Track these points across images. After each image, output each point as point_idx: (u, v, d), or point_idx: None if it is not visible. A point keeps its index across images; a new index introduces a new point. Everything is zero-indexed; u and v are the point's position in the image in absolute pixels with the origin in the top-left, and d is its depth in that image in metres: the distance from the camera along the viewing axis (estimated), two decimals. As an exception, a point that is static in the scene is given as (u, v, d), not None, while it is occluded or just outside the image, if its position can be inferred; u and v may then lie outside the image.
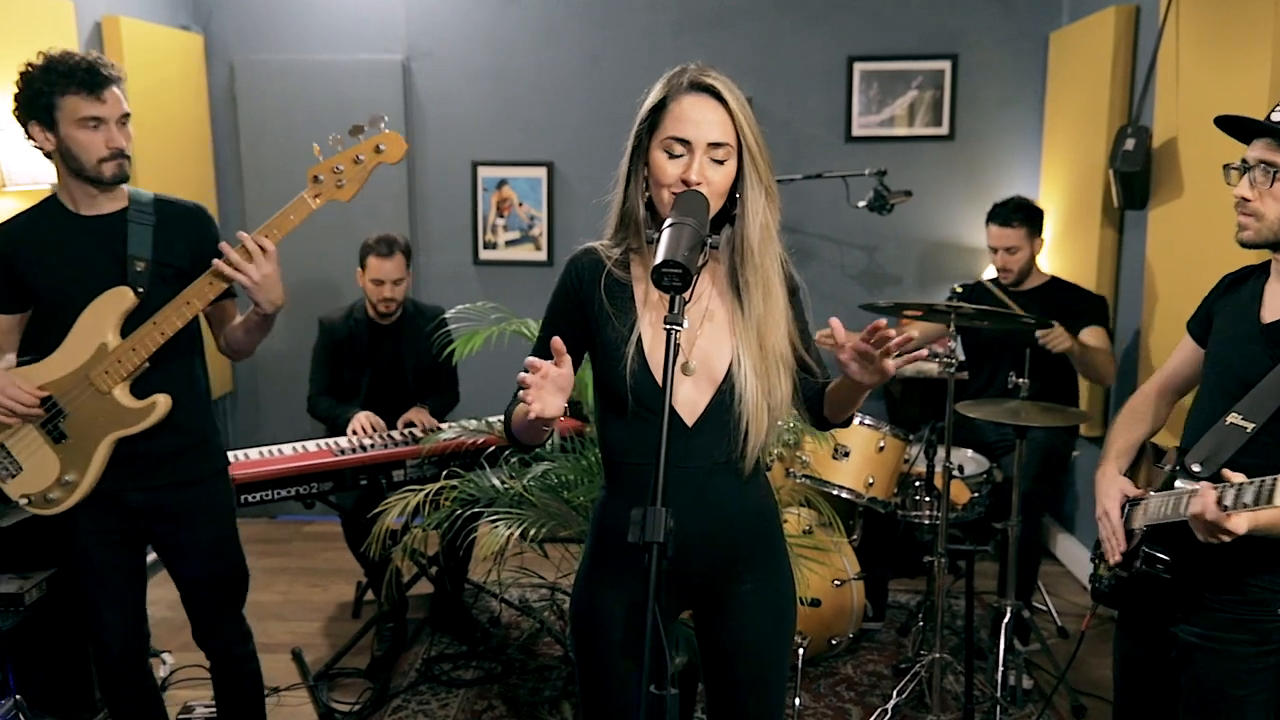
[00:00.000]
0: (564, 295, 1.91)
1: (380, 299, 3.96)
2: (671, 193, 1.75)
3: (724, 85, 1.78)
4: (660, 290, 1.53)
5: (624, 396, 1.81)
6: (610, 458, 1.92)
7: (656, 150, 1.77)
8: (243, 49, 5.07)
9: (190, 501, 2.65)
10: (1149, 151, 3.67)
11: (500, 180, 5.13)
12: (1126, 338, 4.10)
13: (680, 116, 1.75)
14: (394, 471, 3.53)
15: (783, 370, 1.86)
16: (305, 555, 4.86)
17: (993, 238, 3.85)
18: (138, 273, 2.48)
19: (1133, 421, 2.42)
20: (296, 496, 3.37)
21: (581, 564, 2.00)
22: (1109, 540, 2.27)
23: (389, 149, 2.46)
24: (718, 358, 1.83)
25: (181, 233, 2.58)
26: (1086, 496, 4.54)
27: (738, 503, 1.88)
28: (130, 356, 2.45)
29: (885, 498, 3.43)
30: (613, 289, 1.86)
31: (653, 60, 4.96)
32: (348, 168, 2.46)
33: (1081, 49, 4.42)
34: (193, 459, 2.65)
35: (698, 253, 1.57)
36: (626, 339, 1.81)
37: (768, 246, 1.83)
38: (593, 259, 1.89)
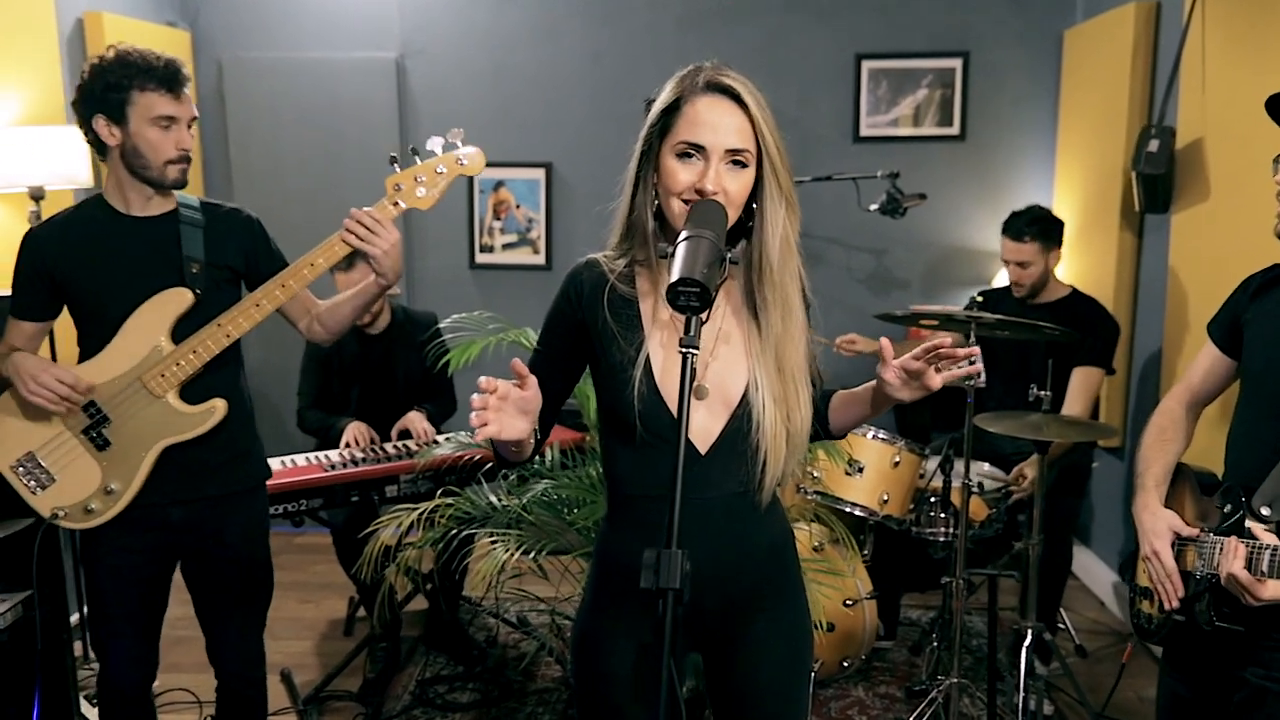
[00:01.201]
0: (563, 311, 1.76)
1: None
2: (683, 202, 1.61)
3: (744, 86, 1.65)
4: (676, 310, 1.39)
5: (631, 423, 1.66)
6: (616, 488, 1.77)
7: (668, 155, 1.63)
8: (231, 46, 4.92)
9: (229, 515, 2.56)
10: (1172, 153, 3.52)
11: (497, 182, 4.98)
12: (1148, 346, 3.96)
13: (695, 120, 1.61)
14: (387, 487, 3.38)
15: (802, 393, 1.72)
16: (296, 568, 4.71)
17: (1005, 250, 3.72)
18: (194, 274, 2.42)
19: (1163, 443, 2.26)
20: (285, 514, 3.22)
21: (584, 598, 1.86)
22: (1163, 585, 2.10)
23: (470, 162, 2.46)
24: (733, 381, 1.70)
25: (232, 235, 2.53)
26: (1102, 508, 4.39)
27: (754, 537, 1.74)
28: (190, 359, 2.38)
29: (900, 515, 3.29)
30: (617, 306, 1.71)
31: (656, 57, 4.83)
32: (429, 178, 2.43)
33: (1098, 47, 4.28)
34: (236, 470, 2.56)
35: (716, 269, 1.42)
36: (634, 360, 1.66)
37: (788, 262, 1.69)
38: (595, 273, 1.74)
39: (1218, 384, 2.23)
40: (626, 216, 1.73)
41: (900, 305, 4.91)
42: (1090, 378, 3.57)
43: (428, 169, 2.42)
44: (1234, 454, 2.08)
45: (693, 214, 1.55)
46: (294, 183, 4.92)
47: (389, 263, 2.41)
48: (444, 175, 2.43)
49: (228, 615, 2.65)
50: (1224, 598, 1.96)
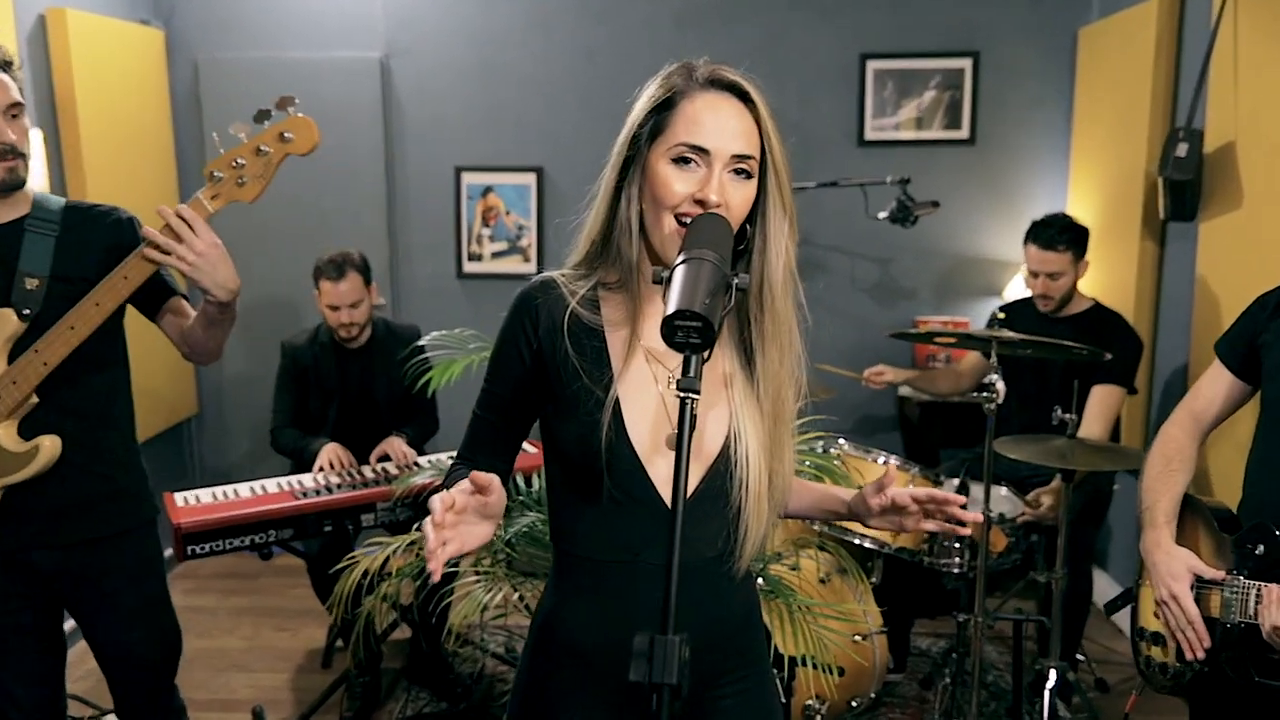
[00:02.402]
0: (514, 340, 1.50)
1: (338, 325, 3.59)
2: (677, 216, 1.39)
3: (751, 84, 1.44)
4: (673, 348, 1.16)
5: (595, 475, 1.43)
6: (566, 548, 1.52)
7: (660, 161, 1.40)
8: (207, 46, 4.70)
9: (109, 561, 2.29)
10: (1201, 158, 3.31)
11: (486, 187, 4.76)
12: (1171, 361, 3.75)
13: (696, 119, 1.39)
14: (363, 515, 3.16)
15: (788, 444, 1.51)
16: (274, 593, 4.49)
17: (1033, 261, 3.47)
18: (27, 292, 2.10)
19: (1169, 474, 2.08)
20: (252, 546, 3.00)
21: (519, 674, 1.61)
22: (1184, 632, 1.91)
23: (297, 137, 2.06)
24: (712, 428, 1.46)
25: (92, 242, 2.19)
26: (1120, 531, 4.18)
27: (726, 606, 1.53)
28: (10, 391, 2.07)
29: (914, 547, 3.07)
30: (580, 336, 1.47)
31: (652, 56, 4.54)
32: (249, 161, 2.05)
33: (1116, 45, 4.07)
34: (108, 511, 2.28)
35: (721, 298, 1.20)
36: (600, 402, 1.43)
37: (789, 289, 1.47)
38: (553, 296, 1.49)
39: (1226, 408, 2.08)
40: (601, 231, 1.49)
41: (907, 316, 4.70)
42: (1111, 397, 3.36)
43: (246, 151, 2.04)
44: (1256, 487, 1.90)
45: (691, 231, 1.33)
46: (273, 189, 4.64)
47: (207, 273, 2.03)
48: (266, 158, 2.05)
49: (130, 675, 2.39)
50: (1260, 649, 1.76)
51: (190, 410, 4.85)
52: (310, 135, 2.06)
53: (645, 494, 1.43)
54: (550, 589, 1.57)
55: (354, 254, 3.61)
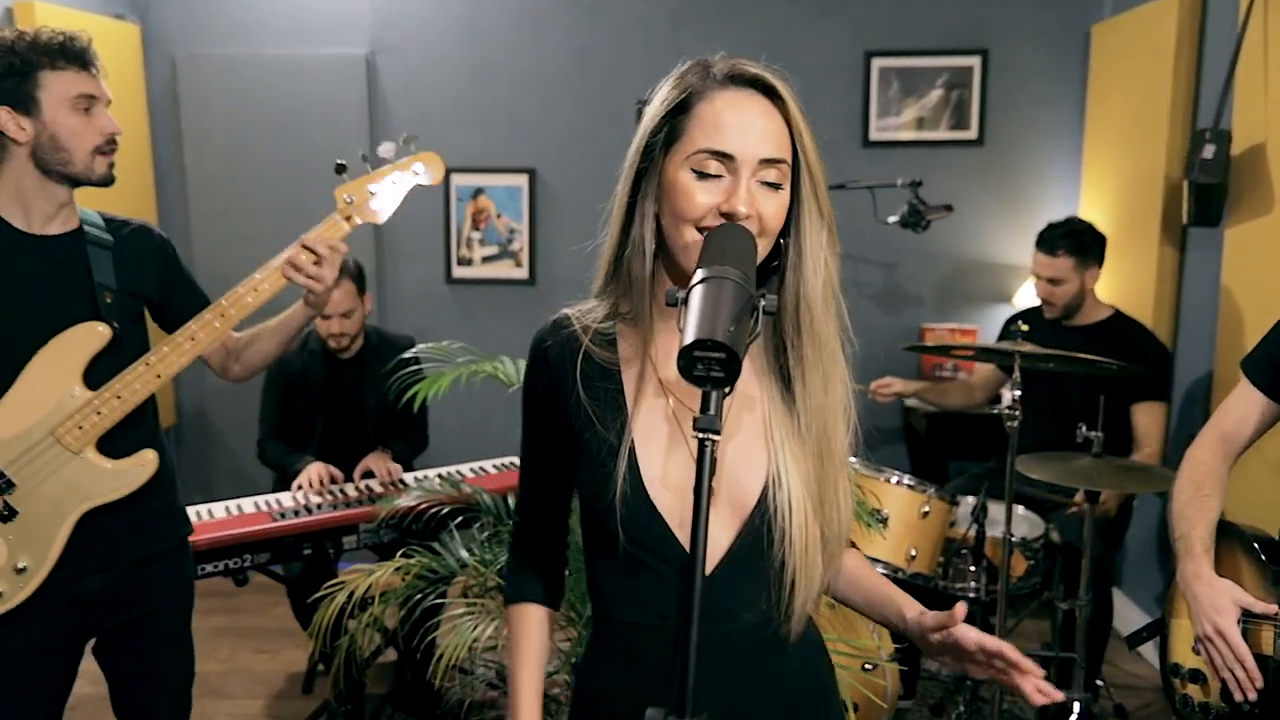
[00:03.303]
0: (532, 393, 1.38)
1: (328, 335, 3.42)
2: (700, 230, 1.21)
3: (778, 78, 1.27)
4: (692, 383, 0.99)
5: (612, 531, 1.26)
6: (598, 608, 1.37)
7: (680, 170, 1.23)
8: (186, 42, 4.51)
9: (154, 580, 2.19)
10: (1228, 160, 3.15)
11: (476, 189, 4.58)
12: (1192, 371, 3.58)
13: (717, 121, 1.22)
14: (345, 538, 2.98)
15: (843, 482, 1.31)
16: (254, 612, 4.30)
17: (1036, 265, 3.35)
18: (108, 305, 2.05)
19: (1202, 499, 1.96)
20: (226, 571, 2.82)
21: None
22: (1231, 671, 1.77)
23: (428, 169, 2.24)
24: (748, 474, 1.27)
25: (145, 257, 2.19)
26: (1136, 548, 4.01)
27: (782, 681, 1.32)
28: (114, 406, 2.01)
29: (929, 571, 2.90)
30: (593, 377, 1.30)
31: (648, 54, 4.45)
32: (383, 189, 2.19)
33: (1132, 43, 3.92)
34: (157, 529, 2.21)
35: (746, 322, 1.03)
36: (615, 450, 1.26)
37: (831, 307, 1.29)
38: (564, 336, 1.34)
39: (1257, 429, 1.98)
40: (613, 254, 1.32)
41: (913, 323, 4.54)
42: (1157, 414, 3.24)
43: (380, 178, 2.17)
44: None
45: (710, 245, 1.15)
46: (255, 191, 4.52)
47: (325, 298, 2.19)
48: (398, 186, 2.18)
49: (152, 701, 2.26)
50: None
51: (168, 420, 4.66)
52: (439, 170, 2.26)
53: (671, 552, 1.25)
54: (587, 647, 1.42)
55: (347, 261, 3.43)
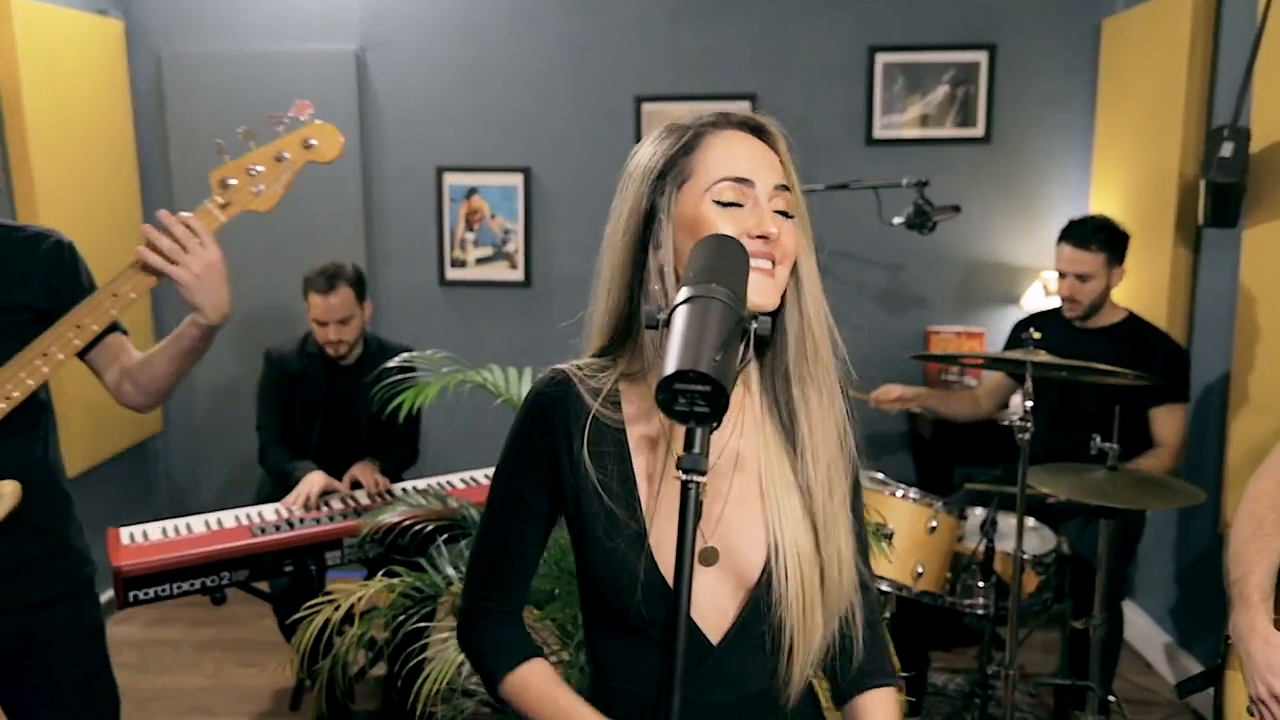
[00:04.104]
0: (528, 452, 1.26)
1: (325, 341, 3.32)
2: None
3: (771, 123, 1.27)
4: (672, 418, 0.88)
5: (620, 610, 1.19)
6: (598, 676, 1.30)
7: (700, 205, 1.18)
8: (171, 39, 4.40)
9: (48, 627, 1.99)
10: (1247, 158, 3.03)
11: (469, 189, 4.47)
12: (1208, 374, 3.46)
13: (729, 151, 1.20)
14: (328, 553, 2.87)
15: (844, 529, 1.23)
16: (241, 624, 4.19)
17: (1063, 260, 3.21)
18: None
19: (1262, 538, 1.80)
20: (203, 590, 2.71)
21: None
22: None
23: (322, 144, 1.88)
24: (750, 539, 1.21)
25: (33, 265, 1.94)
26: (1148, 558, 3.88)
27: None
28: None
29: (937, 590, 2.78)
30: (600, 442, 1.22)
31: (646, 50, 4.33)
32: (267, 168, 1.85)
33: (1145, 38, 3.79)
34: (49, 571, 1.99)
35: (735, 349, 0.91)
36: (621, 527, 1.18)
37: (826, 336, 1.25)
38: (565, 394, 1.24)
39: None
40: (618, 312, 1.24)
41: (918, 326, 4.42)
42: (1176, 417, 3.13)
43: (264, 157, 1.85)
44: None
45: (696, 260, 1.03)
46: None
47: (205, 293, 1.82)
48: (287, 164, 1.86)
49: None
50: None
51: (155, 427, 4.55)
52: (335, 143, 1.91)
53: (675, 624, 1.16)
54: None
55: (347, 266, 3.34)
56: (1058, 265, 3.24)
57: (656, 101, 4.32)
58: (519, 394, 2.62)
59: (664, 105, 4.32)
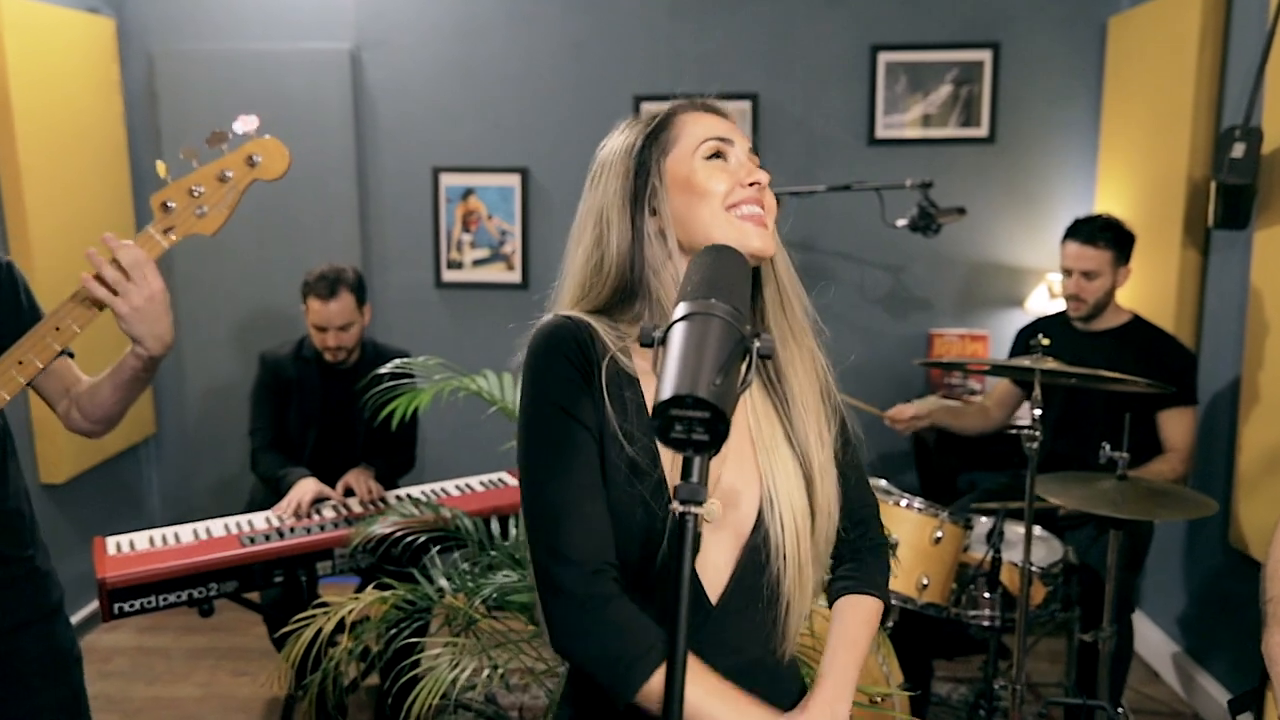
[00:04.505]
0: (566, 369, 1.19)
1: (324, 348, 3.27)
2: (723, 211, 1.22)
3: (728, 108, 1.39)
4: (668, 447, 0.82)
5: (647, 557, 1.16)
6: None
7: (690, 161, 1.26)
8: (164, 37, 4.33)
9: (21, 654, 1.91)
10: (1259, 159, 2.97)
11: (466, 189, 4.40)
12: (1216, 378, 3.40)
13: (702, 121, 1.31)
14: (319, 563, 2.80)
15: (830, 480, 1.27)
16: (235, 631, 4.12)
17: (1069, 258, 3.15)
18: None
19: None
20: (190, 601, 2.65)
21: None
22: None
23: (266, 160, 1.79)
24: (744, 495, 1.22)
25: None
26: (1156, 565, 3.82)
27: (782, 706, 1.24)
28: None
29: (942, 602, 2.72)
30: (618, 386, 1.20)
31: (646, 48, 4.27)
32: (210, 189, 1.76)
33: (1152, 36, 3.72)
34: (19, 596, 1.92)
35: (737, 370, 0.85)
36: (639, 471, 1.15)
37: (800, 293, 1.33)
38: (581, 329, 1.22)
39: None
40: (618, 267, 1.26)
41: (921, 329, 4.36)
42: (1187, 419, 3.07)
43: (205, 177, 1.76)
44: None
45: (694, 271, 0.97)
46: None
47: (145, 325, 1.72)
48: (231, 183, 1.78)
49: None
50: None
51: (147, 430, 4.49)
52: (281, 159, 1.82)
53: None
54: (565, 698, 1.30)
55: (348, 271, 3.29)
56: (1063, 263, 3.19)
57: (656, 101, 4.25)
58: (514, 400, 2.56)
59: (663, 104, 4.23)
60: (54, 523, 3.84)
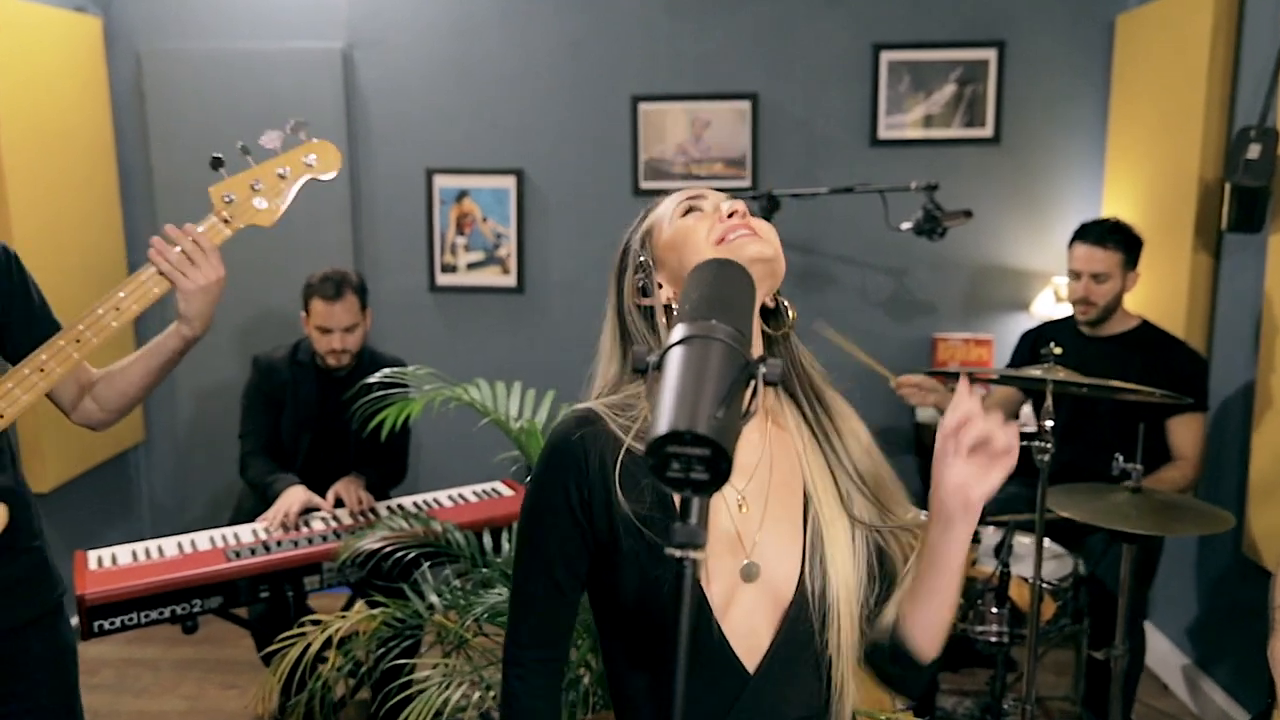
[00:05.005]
0: (557, 498, 1.19)
1: (328, 350, 3.19)
2: (713, 248, 1.20)
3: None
4: (664, 486, 0.73)
5: (656, 636, 1.14)
6: (628, 714, 1.22)
7: (672, 226, 1.26)
8: (151, 36, 4.25)
9: (27, 649, 1.90)
10: (1275, 161, 2.89)
11: (461, 191, 4.32)
12: (1228, 384, 3.32)
13: (676, 195, 1.31)
14: (306, 578, 2.72)
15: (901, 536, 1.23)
16: (223, 643, 4.03)
17: (1078, 260, 3.08)
18: None
19: None
20: (173, 618, 2.56)
21: None
22: None
23: (321, 160, 1.95)
24: (782, 549, 1.16)
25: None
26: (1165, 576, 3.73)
27: None
28: None
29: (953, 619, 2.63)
30: (635, 475, 1.15)
31: (644, 48, 4.18)
32: (269, 184, 1.89)
33: (1162, 34, 3.64)
34: (30, 590, 1.91)
35: (740, 400, 0.76)
36: (659, 554, 1.11)
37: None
38: (599, 435, 1.17)
39: None
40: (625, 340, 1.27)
41: (924, 333, 4.27)
42: (1196, 426, 3.00)
43: (265, 173, 1.89)
44: None
45: (692, 288, 0.89)
46: (225, 193, 4.25)
47: (199, 304, 1.85)
48: (287, 180, 1.91)
49: None
50: None
51: (136, 437, 4.40)
52: (335, 160, 1.99)
53: (716, 654, 1.11)
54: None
55: (352, 274, 3.26)
56: (1072, 265, 3.11)
57: (654, 101, 4.17)
58: (507, 411, 2.48)
59: (662, 105, 4.18)
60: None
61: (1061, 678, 3.66)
